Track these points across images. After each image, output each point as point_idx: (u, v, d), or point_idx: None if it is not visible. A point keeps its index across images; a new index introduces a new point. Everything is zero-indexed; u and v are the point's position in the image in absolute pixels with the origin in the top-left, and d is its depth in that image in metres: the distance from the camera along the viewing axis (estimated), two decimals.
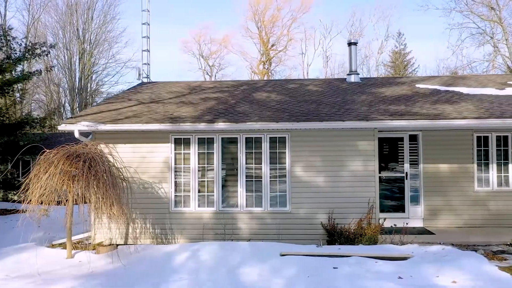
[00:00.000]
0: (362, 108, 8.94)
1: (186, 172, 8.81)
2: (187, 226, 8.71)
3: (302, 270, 5.69)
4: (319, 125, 8.24)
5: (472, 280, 5.40)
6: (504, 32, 28.12)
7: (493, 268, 5.80)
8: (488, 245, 8.07)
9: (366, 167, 8.52)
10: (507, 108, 8.57)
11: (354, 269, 5.65)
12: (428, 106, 8.90)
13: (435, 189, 9.63)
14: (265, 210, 8.66)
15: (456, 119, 8.00)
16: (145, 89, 11.94)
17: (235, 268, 5.86)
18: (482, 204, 9.54)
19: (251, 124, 8.27)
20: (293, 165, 8.63)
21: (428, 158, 9.67)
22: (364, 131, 8.48)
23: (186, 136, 8.77)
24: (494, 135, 9.59)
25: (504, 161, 9.60)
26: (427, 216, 9.65)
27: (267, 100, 10.10)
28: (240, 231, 8.63)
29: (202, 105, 9.69)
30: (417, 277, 5.54)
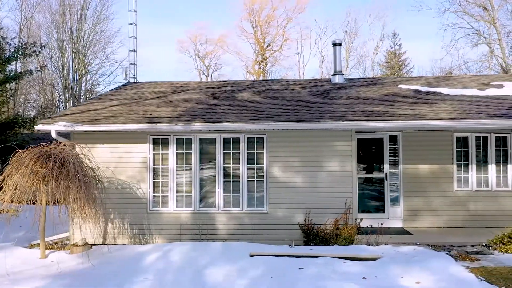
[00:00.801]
0: (341, 109, 8.95)
1: (164, 173, 8.82)
2: (165, 226, 8.72)
3: (268, 270, 5.70)
4: (296, 125, 8.25)
5: (435, 281, 5.41)
6: (498, 33, 28.15)
7: (459, 269, 5.82)
8: (464, 246, 8.09)
9: (343, 167, 8.53)
10: (484, 109, 8.58)
11: (320, 270, 5.67)
12: (406, 107, 8.91)
13: (414, 189, 9.65)
14: (242, 211, 8.68)
15: (431, 120, 8.02)
16: (129, 89, 11.95)
17: (203, 268, 5.87)
18: (461, 204, 9.56)
19: (228, 124, 8.29)
20: (270, 166, 8.64)
21: (408, 159, 9.68)
22: (342, 132, 8.50)
23: (164, 136, 8.78)
24: (474, 136, 9.61)
25: (483, 162, 9.61)
26: (406, 217, 9.67)
27: (248, 100, 10.11)
28: (218, 232, 8.65)
29: (183, 106, 9.70)
30: (382, 278, 5.55)
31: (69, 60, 27.97)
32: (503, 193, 9.52)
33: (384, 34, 39.16)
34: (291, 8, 41.77)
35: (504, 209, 9.45)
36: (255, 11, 40.02)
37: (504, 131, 9.47)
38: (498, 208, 9.47)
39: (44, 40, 27.81)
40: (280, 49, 41.33)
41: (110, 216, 8.77)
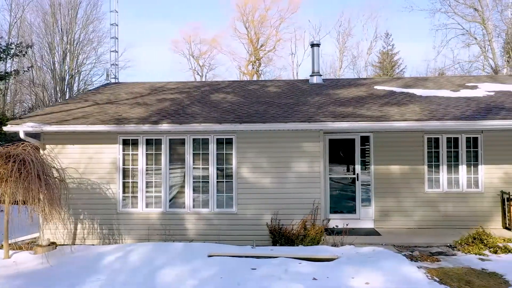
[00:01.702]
0: (310, 110, 8.99)
1: (134, 173, 8.85)
2: (134, 226, 8.75)
3: (221, 271, 5.74)
4: (262, 126, 8.29)
5: (384, 281, 5.45)
6: (488, 33, 28.20)
7: (411, 270, 5.86)
8: (429, 246, 8.13)
9: (312, 168, 8.56)
10: (451, 110, 8.62)
11: (272, 270, 5.71)
12: (375, 108, 8.95)
13: (386, 190, 9.69)
14: (211, 211, 8.71)
15: (397, 121, 8.05)
16: (107, 90, 11.99)
17: (157, 269, 5.90)
18: (432, 205, 9.60)
19: (195, 125, 8.32)
20: (239, 166, 8.67)
21: (379, 160, 9.72)
22: (310, 133, 8.53)
23: (134, 137, 8.81)
24: (445, 137, 9.64)
25: (454, 163, 9.65)
26: (378, 217, 9.70)
27: (221, 101, 10.15)
28: (187, 232, 8.69)
29: (155, 106, 9.73)
30: (333, 278, 5.59)
31: (60, 60, 27.98)
32: (473, 194, 9.56)
33: (377, 35, 39.12)
34: (284, 8, 41.74)
35: (475, 210, 9.50)
36: (247, 11, 40.04)
37: (475, 132, 9.51)
38: (469, 209, 9.51)
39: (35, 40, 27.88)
40: (273, 49, 41.35)
41: (80, 216, 8.80)
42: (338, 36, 40.74)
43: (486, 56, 28.35)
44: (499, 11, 27.75)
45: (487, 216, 9.48)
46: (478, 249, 7.55)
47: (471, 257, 7.31)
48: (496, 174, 9.51)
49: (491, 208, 9.49)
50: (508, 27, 27.60)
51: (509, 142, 9.43)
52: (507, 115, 8.06)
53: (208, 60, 45.56)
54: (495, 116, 8.05)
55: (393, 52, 37.69)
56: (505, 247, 7.32)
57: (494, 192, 9.49)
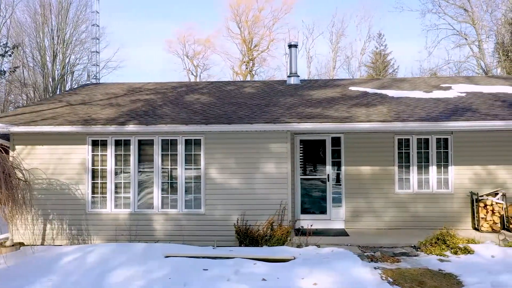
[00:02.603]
0: (279, 111, 9.02)
1: (103, 174, 8.88)
2: (103, 227, 8.78)
3: (172, 271, 5.78)
4: (228, 127, 8.33)
5: (333, 282, 5.49)
6: (478, 34, 28.24)
7: (362, 270, 5.89)
8: (394, 247, 8.16)
9: (279, 169, 8.60)
10: (418, 111, 8.66)
11: (223, 271, 5.74)
12: (343, 109, 8.98)
13: (357, 191, 9.72)
14: (180, 212, 8.75)
15: (361, 122, 8.09)
16: (85, 90, 12.02)
17: (111, 270, 5.94)
18: (402, 206, 9.64)
19: (161, 126, 8.36)
20: (207, 167, 8.71)
21: (350, 160, 9.76)
22: (277, 134, 8.56)
23: (103, 138, 8.84)
24: (415, 138, 9.68)
25: (425, 164, 9.69)
26: (348, 218, 9.74)
27: (194, 102, 10.18)
28: (155, 233, 8.72)
29: (127, 107, 9.77)
30: (283, 279, 5.63)
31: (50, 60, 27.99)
32: (443, 194, 9.60)
33: (370, 35, 39.22)
34: (277, 8, 41.73)
35: (445, 211, 9.53)
36: (240, 11, 40.08)
37: (445, 133, 9.55)
38: (439, 210, 9.55)
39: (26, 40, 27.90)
40: (267, 49, 41.42)
41: (49, 217, 8.83)
42: (331, 36, 40.83)
43: (477, 56, 28.39)
44: (489, 12, 27.80)
45: (457, 217, 9.52)
46: (440, 250, 7.59)
47: (432, 258, 7.34)
48: (466, 175, 9.54)
49: (461, 209, 9.53)
50: (498, 28, 27.65)
51: (478, 143, 9.47)
52: (470, 117, 8.10)
53: (203, 61, 45.61)
54: (459, 118, 8.09)
55: (386, 52, 37.75)
56: (465, 248, 7.35)
57: (464, 193, 9.53)
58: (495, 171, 9.51)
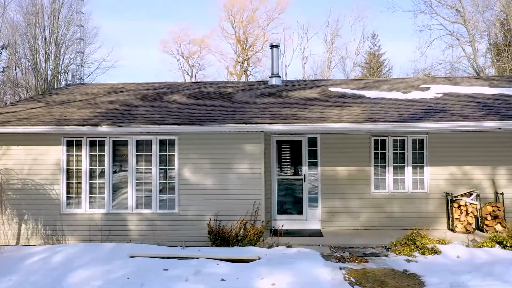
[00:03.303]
0: (253, 112, 9.05)
1: (78, 174, 8.91)
2: (77, 227, 8.81)
3: (132, 272, 5.81)
4: (200, 128, 8.36)
5: (291, 282, 5.52)
6: (469, 34, 28.26)
7: (322, 271, 5.92)
8: (366, 247, 8.19)
9: (253, 169, 8.62)
10: (391, 112, 8.68)
11: (183, 271, 5.77)
12: (318, 110, 9.01)
13: (333, 191, 9.75)
14: (154, 212, 8.78)
15: (332, 123, 8.12)
16: (66, 91, 12.05)
17: (73, 270, 5.97)
18: (378, 206, 9.66)
19: (134, 127, 8.39)
20: (182, 168, 8.73)
21: (326, 161, 9.78)
22: (251, 134, 8.59)
23: (78, 138, 8.87)
24: (391, 139, 9.71)
25: (400, 164, 9.71)
26: (324, 218, 9.77)
27: (171, 102, 10.21)
28: (129, 233, 8.75)
29: (104, 108, 9.80)
30: (242, 279, 5.65)
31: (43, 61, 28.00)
32: (419, 195, 9.62)
33: (364, 35, 39.24)
34: (272, 8, 41.80)
35: (420, 211, 9.56)
36: (235, 12, 40.11)
37: (420, 134, 9.58)
38: (415, 210, 9.57)
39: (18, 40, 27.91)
40: (261, 49, 41.46)
41: (24, 217, 8.86)
42: (326, 37, 40.82)
43: (469, 57, 28.43)
44: (481, 12, 27.82)
45: (433, 217, 9.55)
46: (409, 250, 7.61)
47: (400, 258, 7.37)
48: (441, 175, 9.57)
49: (437, 209, 9.56)
50: (490, 28, 27.69)
51: (454, 144, 9.50)
52: (441, 118, 8.12)
53: (198, 61, 45.66)
54: (430, 118, 8.11)
55: (380, 52, 37.78)
56: (433, 249, 7.38)
57: (439, 194, 9.56)
58: (471, 171, 9.53)
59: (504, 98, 9.52)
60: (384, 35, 49.73)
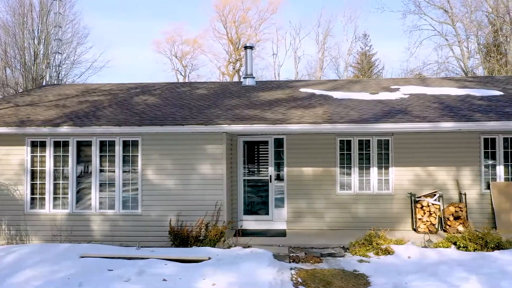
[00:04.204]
0: (217, 112, 9.08)
1: (42, 175, 8.95)
2: (41, 227, 8.85)
3: (78, 272, 5.85)
4: (160, 129, 8.40)
5: (232, 283, 5.56)
6: (457, 35, 28.33)
7: (266, 271, 5.95)
8: (325, 248, 8.22)
9: (215, 170, 8.66)
10: (352, 113, 8.72)
11: (127, 271, 5.81)
12: (281, 111, 9.04)
13: (299, 192, 9.78)
14: (117, 212, 8.82)
15: (291, 124, 8.16)
16: (39, 91, 12.09)
17: (20, 270, 6.01)
18: (343, 207, 9.70)
19: (95, 128, 8.43)
20: (144, 168, 8.78)
21: (293, 162, 9.81)
22: (213, 135, 8.63)
23: (42, 139, 8.92)
24: (357, 139, 9.74)
25: (366, 165, 9.75)
26: (290, 219, 9.80)
27: (140, 103, 10.25)
28: (93, 233, 8.79)
29: (71, 108, 9.83)
30: (184, 279, 5.70)
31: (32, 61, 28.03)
32: (384, 196, 9.66)
33: (356, 36, 39.26)
34: (264, 8, 41.81)
35: (385, 212, 9.60)
36: (226, 12, 40.17)
37: (385, 135, 9.61)
38: (380, 211, 9.61)
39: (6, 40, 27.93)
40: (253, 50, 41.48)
41: None
42: (317, 37, 40.88)
43: (457, 57, 28.47)
44: (469, 13, 27.85)
45: (398, 217, 9.59)
46: (364, 250, 7.67)
47: (354, 259, 7.44)
48: (406, 176, 9.61)
49: (401, 209, 9.59)
50: (478, 29, 27.72)
51: (419, 145, 9.53)
52: (400, 119, 8.15)
53: (191, 61, 45.74)
54: (388, 120, 8.15)
55: (371, 53, 37.82)
56: (386, 249, 7.42)
57: (404, 194, 9.59)
58: (436, 172, 9.57)
59: (469, 99, 9.56)
60: (377, 35, 49.90)
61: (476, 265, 6.36)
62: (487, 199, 9.44)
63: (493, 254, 6.87)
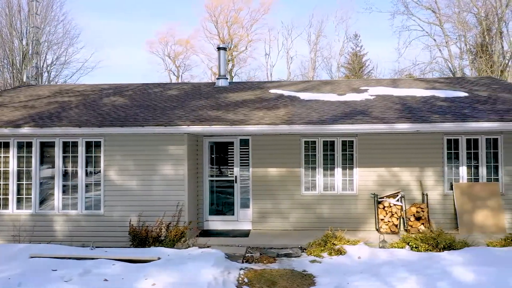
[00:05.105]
0: (180, 113, 9.14)
1: (6, 175, 9.01)
2: (4, 228, 8.90)
3: (21, 272, 5.89)
4: (120, 130, 8.45)
5: (171, 283, 5.61)
6: (445, 35, 28.38)
7: (210, 271, 5.99)
8: (284, 248, 8.26)
9: (176, 171, 8.72)
10: (313, 114, 8.78)
11: (72, 271, 5.86)
12: (244, 112, 9.09)
13: (264, 192, 9.83)
14: (80, 213, 8.88)
15: (249, 125, 8.22)
16: (12, 92, 12.15)
17: None
18: (308, 207, 9.75)
19: (54, 129, 8.50)
20: (107, 169, 8.83)
21: (258, 162, 9.87)
22: (174, 136, 8.68)
23: (5, 140, 8.97)
24: (321, 140, 9.79)
25: (331, 166, 9.80)
26: (256, 219, 9.86)
27: (107, 104, 10.30)
28: (56, 234, 8.85)
29: (38, 109, 9.89)
30: (127, 280, 5.75)
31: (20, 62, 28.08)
32: (348, 196, 9.71)
33: (347, 36, 39.34)
34: (256, 9, 41.83)
35: (350, 212, 9.65)
36: (218, 12, 40.22)
37: (350, 136, 9.66)
38: (344, 211, 9.66)
39: None
40: (245, 50, 41.61)
41: None
42: (309, 37, 40.99)
43: (444, 58, 28.55)
44: (456, 13, 27.90)
45: (362, 218, 9.64)
46: (319, 251, 7.73)
47: (308, 259, 7.51)
48: (370, 177, 9.66)
49: (365, 210, 9.64)
50: (466, 30, 27.77)
51: (383, 146, 9.58)
52: (357, 120, 8.21)
53: (184, 61, 45.76)
54: (345, 121, 8.21)
55: (362, 53, 37.87)
56: (339, 250, 7.48)
57: (368, 195, 9.64)
58: (400, 173, 9.63)
59: (432, 101, 9.62)
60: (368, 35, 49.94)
61: (421, 266, 6.41)
62: (450, 200, 9.50)
63: (441, 255, 6.93)
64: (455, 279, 5.78)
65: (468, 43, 28.52)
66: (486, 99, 9.60)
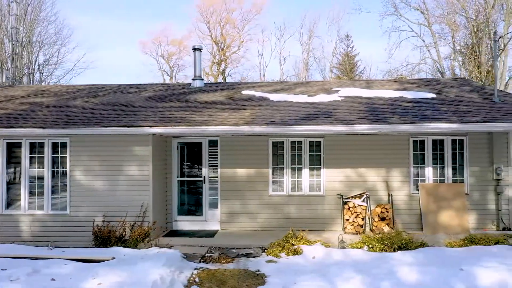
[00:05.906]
0: (146, 114, 9.20)
1: None
2: None
3: None
4: (84, 131, 8.53)
5: (117, 282, 5.67)
6: (433, 36, 28.44)
7: (155, 271, 6.01)
8: (246, 248, 8.32)
9: (141, 171, 8.79)
10: (277, 115, 8.84)
11: (18, 271, 5.89)
12: (210, 113, 9.16)
13: (232, 193, 9.89)
14: (46, 213, 8.94)
15: (211, 126, 8.29)
16: None
17: None
18: (276, 208, 9.81)
19: (18, 129, 8.57)
20: (73, 170, 8.90)
21: (227, 163, 9.92)
22: (139, 137, 8.74)
23: None
24: (289, 141, 9.86)
25: (298, 166, 9.86)
26: (224, 219, 9.92)
27: (78, 105, 10.36)
28: (22, 234, 8.91)
29: (8, 110, 9.95)
30: (75, 279, 5.81)
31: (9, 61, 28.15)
32: (316, 197, 9.77)
33: (339, 37, 39.39)
34: (248, 9, 41.94)
35: (317, 213, 9.71)
36: (210, 13, 40.29)
37: (317, 137, 9.72)
38: (311, 212, 9.72)
39: None
40: (238, 50, 41.67)
41: None
42: (301, 38, 41.04)
43: (433, 58, 28.60)
44: (444, 14, 27.95)
45: (329, 218, 9.70)
46: (278, 251, 7.79)
47: (265, 259, 7.56)
48: (337, 177, 9.72)
49: (332, 211, 9.70)
50: (454, 30, 27.82)
51: (349, 147, 9.65)
52: (318, 121, 8.28)
53: (177, 61, 45.80)
54: (306, 122, 8.27)
55: (353, 54, 37.95)
56: (296, 250, 7.54)
57: (335, 195, 9.70)
58: (366, 174, 9.68)
59: (398, 102, 9.68)
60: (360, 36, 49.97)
61: (371, 266, 6.47)
62: (416, 200, 9.56)
63: (394, 255, 6.99)
64: (399, 279, 5.84)
65: (458, 43, 28.60)
66: (451, 100, 9.66)
